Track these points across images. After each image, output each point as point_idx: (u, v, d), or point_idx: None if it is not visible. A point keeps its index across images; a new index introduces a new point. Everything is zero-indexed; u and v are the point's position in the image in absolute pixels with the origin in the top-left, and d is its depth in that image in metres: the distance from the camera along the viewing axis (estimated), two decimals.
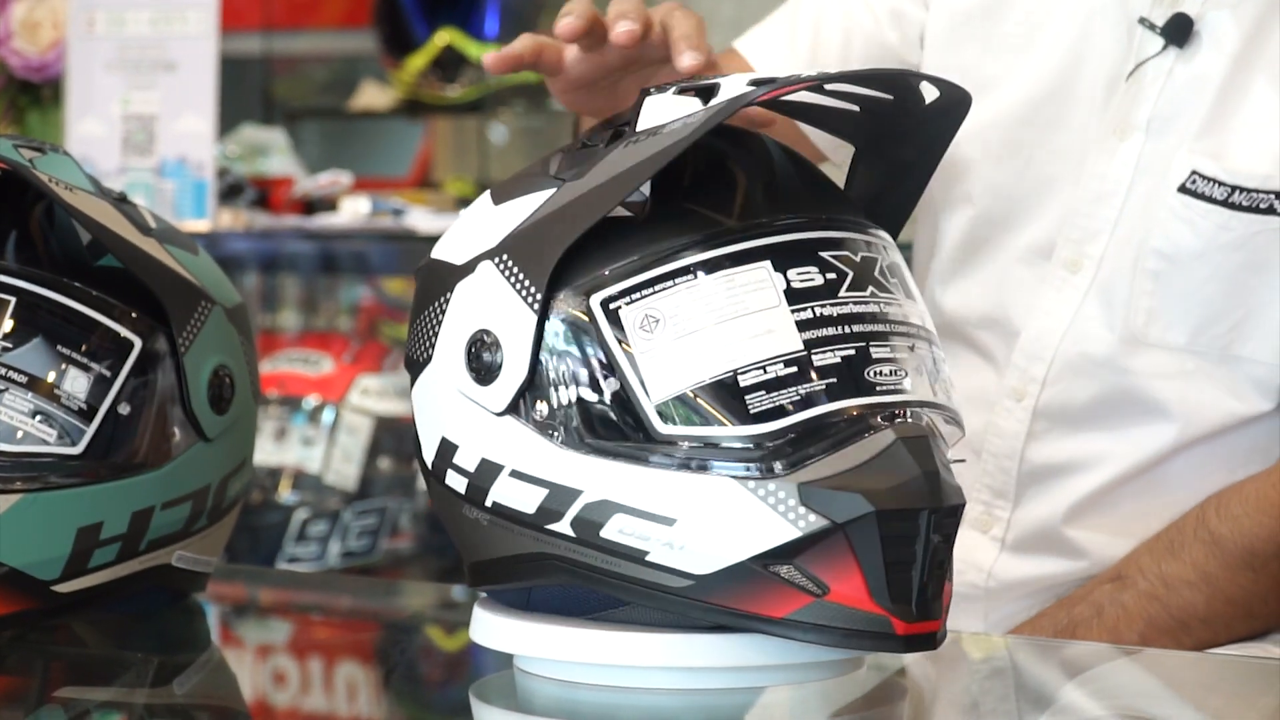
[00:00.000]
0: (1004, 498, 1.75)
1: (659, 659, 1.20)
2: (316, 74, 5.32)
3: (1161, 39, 1.68)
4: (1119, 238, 1.69)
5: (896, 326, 1.20)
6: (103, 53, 3.19)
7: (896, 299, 1.22)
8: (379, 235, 3.38)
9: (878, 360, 1.18)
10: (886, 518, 1.15)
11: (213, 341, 1.43)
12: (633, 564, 1.18)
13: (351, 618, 1.72)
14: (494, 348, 1.21)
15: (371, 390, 3.53)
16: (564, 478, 1.19)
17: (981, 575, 1.76)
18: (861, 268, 1.21)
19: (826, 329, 1.18)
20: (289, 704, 1.37)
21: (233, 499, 1.50)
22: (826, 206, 1.24)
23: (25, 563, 1.35)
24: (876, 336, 1.19)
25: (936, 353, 1.23)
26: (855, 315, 1.19)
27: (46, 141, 1.45)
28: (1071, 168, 1.72)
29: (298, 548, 3.40)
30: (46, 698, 1.34)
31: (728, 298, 1.18)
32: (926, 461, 1.16)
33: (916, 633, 1.16)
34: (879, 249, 1.23)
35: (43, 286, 1.38)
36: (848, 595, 1.15)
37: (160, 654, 1.45)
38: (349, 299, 4.70)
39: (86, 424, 1.36)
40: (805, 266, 1.19)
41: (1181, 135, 1.67)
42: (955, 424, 1.24)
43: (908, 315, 1.22)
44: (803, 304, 1.18)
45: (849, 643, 1.16)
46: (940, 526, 1.16)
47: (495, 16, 4.37)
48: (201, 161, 3.16)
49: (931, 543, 1.16)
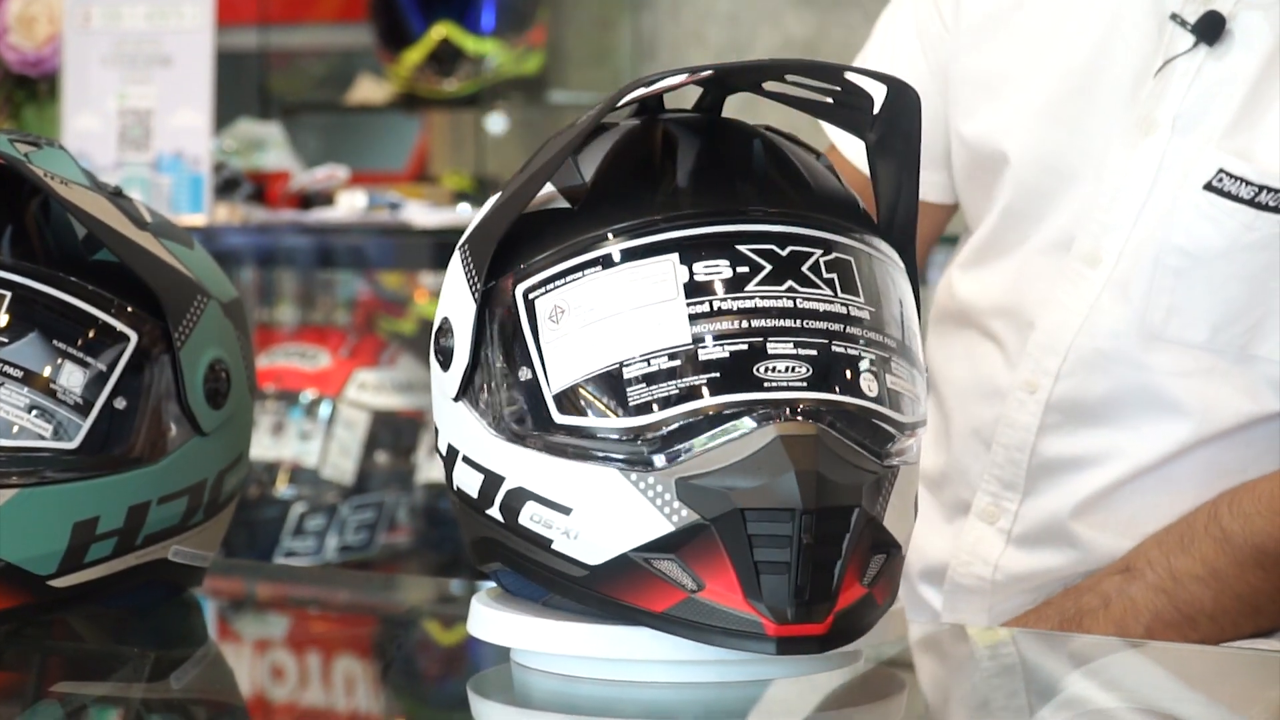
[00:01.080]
0: (1013, 489, 1.75)
1: (657, 653, 1.20)
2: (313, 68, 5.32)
3: (1192, 36, 1.68)
4: (1139, 233, 1.68)
5: (811, 323, 1.18)
6: (99, 47, 3.19)
7: (824, 295, 1.19)
8: (376, 229, 3.38)
9: (774, 356, 1.17)
10: (755, 516, 1.14)
11: (209, 336, 1.43)
12: (543, 551, 1.20)
13: (349, 612, 1.72)
14: (449, 334, 1.24)
15: (369, 384, 3.53)
16: (493, 463, 1.22)
17: (988, 568, 1.76)
18: (785, 262, 1.19)
19: (721, 323, 1.17)
20: (287, 699, 1.36)
21: (229, 493, 1.50)
22: (789, 203, 1.22)
23: (21, 558, 1.35)
24: (780, 332, 1.17)
25: (875, 354, 1.19)
26: (759, 310, 1.17)
27: (42, 136, 1.45)
28: (1094, 162, 1.71)
29: (295, 542, 3.40)
30: (43, 693, 1.33)
31: (630, 290, 1.18)
32: (805, 461, 1.14)
33: (790, 635, 1.14)
34: (829, 246, 1.20)
35: (38, 281, 1.38)
36: (721, 593, 1.15)
37: (157, 649, 1.45)
38: (346, 293, 4.70)
39: (82, 419, 1.36)
40: (716, 260, 1.18)
41: (1209, 133, 1.66)
42: (891, 425, 1.20)
43: (838, 313, 1.19)
44: (701, 297, 1.18)
45: (723, 641, 1.15)
46: (820, 527, 1.14)
47: (491, 10, 4.37)
48: (198, 156, 3.16)
49: (805, 544, 1.14)
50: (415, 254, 3.54)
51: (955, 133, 1.83)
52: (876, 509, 1.18)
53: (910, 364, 1.22)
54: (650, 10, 4.54)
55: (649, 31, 4.53)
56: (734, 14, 4.46)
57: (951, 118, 1.83)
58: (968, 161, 1.82)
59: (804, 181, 1.25)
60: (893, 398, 1.20)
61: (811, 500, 1.13)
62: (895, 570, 1.21)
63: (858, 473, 1.17)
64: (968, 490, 1.80)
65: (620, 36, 4.59)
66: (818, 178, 1.26)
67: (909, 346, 1.22)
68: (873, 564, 1.18)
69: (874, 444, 1.19)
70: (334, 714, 1.35)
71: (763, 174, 1.24)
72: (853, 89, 1.24)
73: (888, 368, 1.20)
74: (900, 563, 1.22)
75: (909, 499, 1.23)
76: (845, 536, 1.15)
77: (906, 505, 1.23)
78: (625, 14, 4.59)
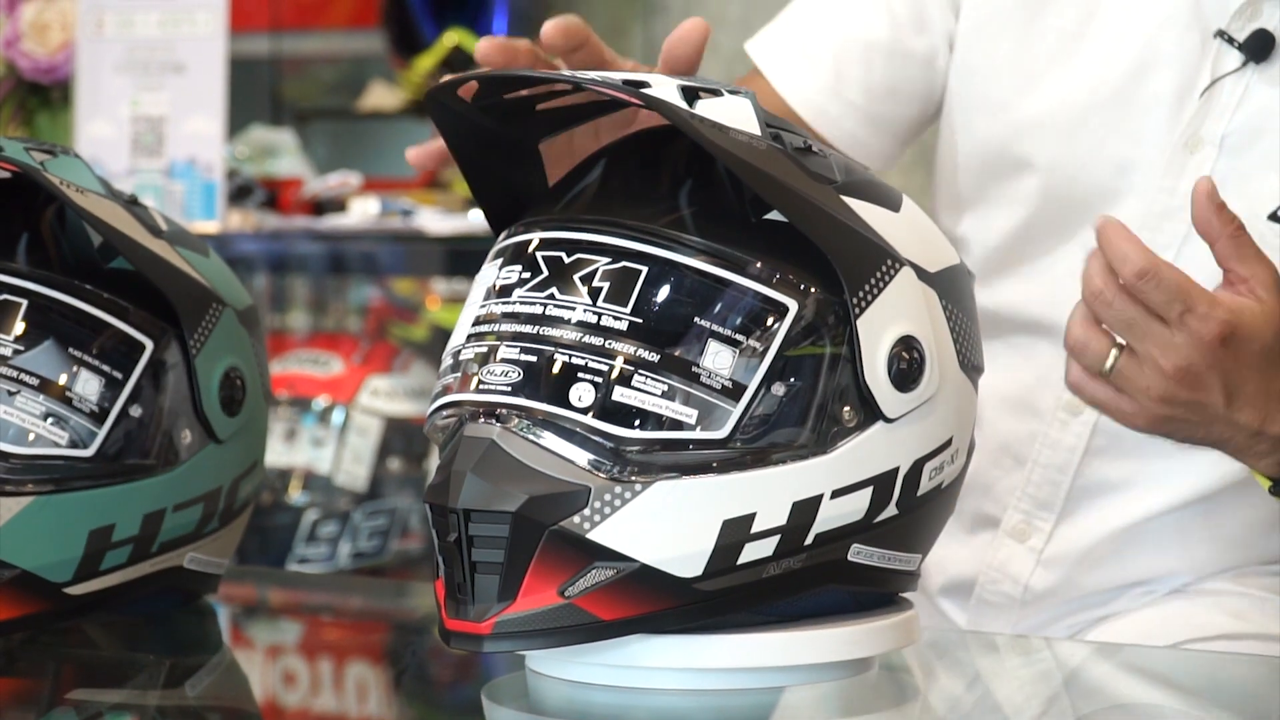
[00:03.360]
0: (1049, 509, 1.72)
1: (671, 660, 1.20)
2: (325, 75, 5.33)
3: (1240, 54, 1.64)
4: (1187, 254, 1.62)
5: (546, 330, 1.18)
6: (112, 54, 3.19)
7: (576, 303, 1.18)
8: (388, 236, 3.38)
9: (501, 360, 1.19)
10: (432, 511, 1.19)
11: (224, 343, 1.43)
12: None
13: (362, 619, 1.72)
14: None
15: (381, 391, 3.53)
16: None
17: (1017, 587, 1.74)
18: (562, 269, 1.19)
19: (484, 326, 1.21)
20: (300, 705, 1.37)
21: (244, 500, 1.50)
22: (635, 214, 1.20)
23: (37, 565, 1.35)
24: (516, 337, 1.19)
25: (614, 365, 1.16)
26: (512, 315, 1.20)
27: (57, 144, 1.45)
28: (1134, 177, 1.68)
29: (308, 549, 3.40)
30: (59, 700, 1.34)
31: (474, 289, 1.24)
32: (463, 462, 1.16)
33: (457, 630, 1.18)
34: (620, 255, 1.18)
35: (54, 289, 1.38)
36: (440, 585, 1.21)
37: (172, 656, 1.45)
38: (358, 300, 4.71)
39: (98, 426, 1.37)
40: (514, 265, 1.22)
41: (1265, 155, 1.63)
42: (605, 438, 1.16)
43: (581, 321, 1.17)
44: (486, 300, 1.22)
45: (440, 631, 1.21)
46: (476, 529, 1.16)
47: (503, 17, 4.38)
48: (210, 163, 3.17)
49: (452, 541, 1.17)
50: (427, 260, 3.54)
51: (961, 127, 1.79)
52: (578, 521, 1.15)
53: (684, 378, 1.16)
54: (662, 16, 4.54)
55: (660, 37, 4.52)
56: (746, 19, 4.46)
57: (955, 110, 1.80)
58: (975, 160, 1.78)
59: (695, 196, 1.21)
60: (623, 411, 1.16)
61: (457, 499, 1.16)
62: (632, 587, 1.16)
63: (546, 481, 1.16)
64: (992, 504, 1.77)
65: (632, 42, 4.59)
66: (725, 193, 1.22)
67: (686, 361, 1.17)
68: (585, 576, 1.16)
69: (593, 454, 1.16)
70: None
71: (643, 185, 1.23)
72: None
73: (628, 381, 1.16)
74: (653, 578, 1.17)
75: (661, 516, 1.17)
76: (506, 541, 1.16)
77: (655, 522, 1.17)
78: (637, 20, 4.59)
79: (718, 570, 1.17)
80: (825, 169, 1.22)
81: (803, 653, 1.21)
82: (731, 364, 1.17)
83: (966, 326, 1.25)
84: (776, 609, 1.21)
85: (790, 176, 1.19)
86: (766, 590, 1.19)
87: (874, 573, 1.22)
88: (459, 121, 1.28)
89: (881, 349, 1.19)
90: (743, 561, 1.17)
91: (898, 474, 1.21)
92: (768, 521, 1.17)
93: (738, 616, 1.20)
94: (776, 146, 1.20)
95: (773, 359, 1.17)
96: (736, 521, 1.16)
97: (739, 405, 1.17)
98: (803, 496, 1.18)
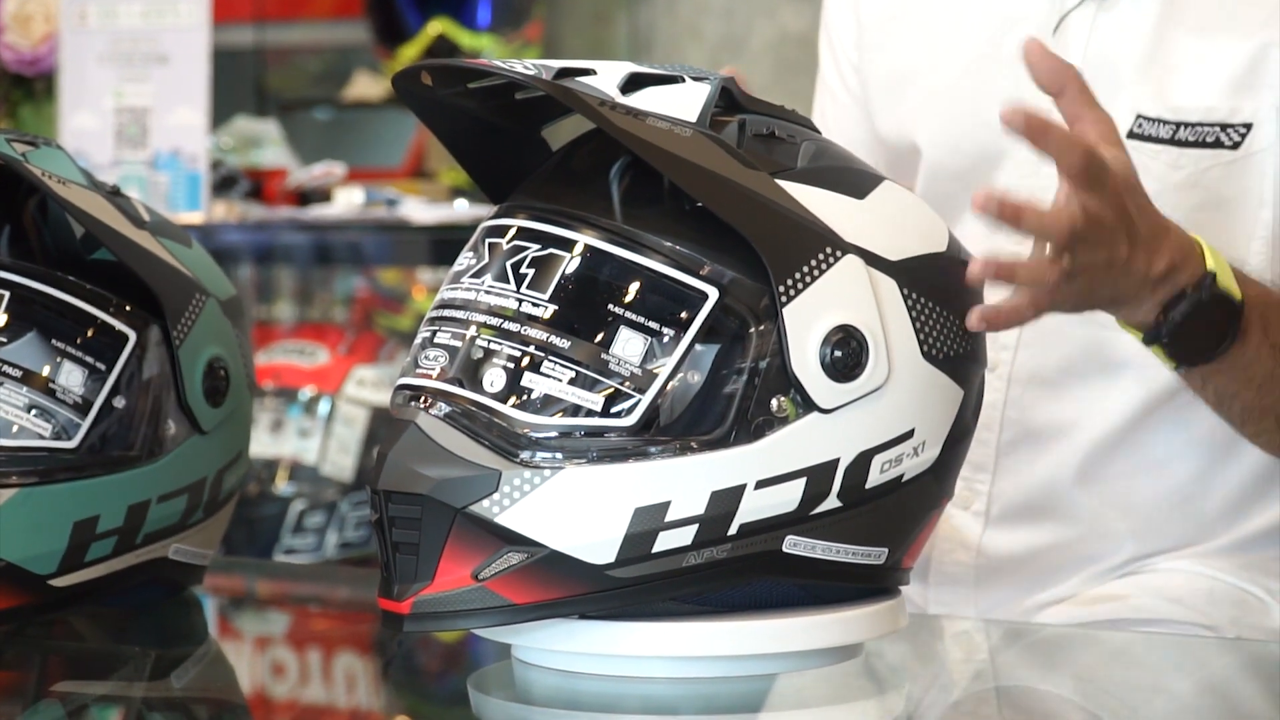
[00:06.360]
0: (983, 470, 1.74)
1: (657, 648, 1.20)
2: (309, 65, 5.32)
3: None
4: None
5: (474, 316, 1.20)
6: (95, 46, 3.19)
7: (502, 290, 1.20)
8: (373, 226, 3.38)
9: (437, 345, 1.21)
10: (371, 493, 1.20)
11: (207, 334, 1.43)
12: None
13: (349, 609, 1.72)
14: None
15: (367, 381, 3.53)
16: None
17: (970, 553, 1.75)
18: (500, 256, 1.21)
19: (435, 311, 1.23)
20: (287, 696, 1.37)
21: (229, 491, 1.50)
22: (577, 199, 1.21)
23: (22, 557, 1.35)
24: (453, 322, 1.21)
25: (527, 352, 1.17)
26: (454, 301, 1.22)
27: (39, 135, 1.45)
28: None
29: (295, 539, 3.40)
30: (44, 692, 1.34)
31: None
32: (386, 444, 1.19)
33: (386, 610, 1.19)
34: (549, 242, 1.20)
35: (37, 280, 1.38)
36: None
37: (158, 647, 1.45)
38: (344, 290, 4.71)
39: (82, 418, 1.36)
40: (471, 252, 1.24)
41: (1118, 82, 1.66)
42: (508, 423, 1.17)
43: (502, 307, 1.19)
44: (445, 285, 1.24)
45: None
46: (394, 510, 1.18)
47: (487, 7, 4.37)
48: (195, 154, 3.16)
49: (375, 521, 1.20)
50: (413, 250, 3.54)
51: (876, 134, 1.83)
52: (488, 505, 1.16)
53: (592, 366, 1.17)
54: (647, 5, 4.54)
55: (645, 26, 4.53)
56: (729, 8, 4.46)
57: (872, 119, 1.83)
58: (890, 160, 1.81)
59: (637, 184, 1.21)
60: (529, 396, 1.17)
61: (377, 480, 1.19)
62: (544, 571, 1.16)
63: (459, 464, 1.17)
64: None
65: (616, 31, 4.59)
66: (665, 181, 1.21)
67: (595, 348, 1.17)
68: (498, 560, 1.16)
69: (503, 440, 1.17)
70: (335, 711, 1.35)
71: (591, 172, 1.23)
72: None
73: (538, 367, 1.17)
74: (564, 564, 1.17)
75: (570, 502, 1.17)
76: (418, 523, 1.17)
77: (564, 508, 1.17)
78: (621, 9, 4.59)
79: (631, 558, 1.17)
80: (783, 155, 1.22)
81: (788, 640, 1.21)
82: (642, 352, 1.17)
83: (937, 315, 1.24)
84: (763, 599, 1.21)
85: (710, 161, 1.18)
86: (689, 579, 1.18)
87: (822, 565, 1.21)
88: (440, 109, 1.28)
89: (812, 338, 1.18)
90: (659, 550, 1.17)
91: (837, 465, 1.19)
92: (684, 510, 1.17)
93: (666, 605, 1.19)
94: (704, 132, 1.19)
95: (686, 347, 1.17)
96: (650, 510, 1.16)
97: (648, 394, 1.17)
98: (723, 486, 1.17)
